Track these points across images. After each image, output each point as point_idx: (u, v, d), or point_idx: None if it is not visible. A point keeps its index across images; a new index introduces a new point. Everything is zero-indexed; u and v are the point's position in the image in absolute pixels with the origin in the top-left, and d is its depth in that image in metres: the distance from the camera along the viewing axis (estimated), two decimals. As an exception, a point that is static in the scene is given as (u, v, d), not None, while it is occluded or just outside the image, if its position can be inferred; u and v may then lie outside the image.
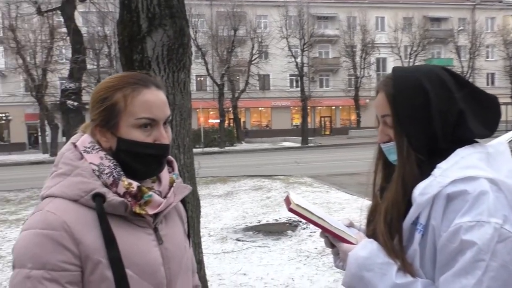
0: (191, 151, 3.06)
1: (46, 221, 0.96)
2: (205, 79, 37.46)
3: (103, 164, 1.04)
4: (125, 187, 1.03)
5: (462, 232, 0.94)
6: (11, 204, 10.15)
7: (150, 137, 1.05)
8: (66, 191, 1.01)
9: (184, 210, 1.29)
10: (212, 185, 11.58)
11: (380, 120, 1.16)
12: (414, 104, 1.07)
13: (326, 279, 4.42)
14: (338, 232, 1.12)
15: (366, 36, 37.69)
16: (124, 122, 1.05)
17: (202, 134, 28.03)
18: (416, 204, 1.02)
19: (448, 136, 1.06)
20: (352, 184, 10.89)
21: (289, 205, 1.12)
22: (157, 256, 1.08)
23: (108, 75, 26.10)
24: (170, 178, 1.16)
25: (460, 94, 1.08)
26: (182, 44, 2.82)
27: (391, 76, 1.14)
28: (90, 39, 23.88)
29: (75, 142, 1.09)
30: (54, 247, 0.95)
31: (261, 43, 33.01)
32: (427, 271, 1.02)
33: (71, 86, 16.12)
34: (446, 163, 1.03)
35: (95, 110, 1.08)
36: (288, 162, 18.30)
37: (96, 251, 0.98)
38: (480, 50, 38.20)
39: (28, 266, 0.94)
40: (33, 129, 37.33)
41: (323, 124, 43.46)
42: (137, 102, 1.04)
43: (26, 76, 26.18)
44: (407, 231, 1.05)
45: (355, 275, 1.06)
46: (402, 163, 1.08)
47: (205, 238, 6.12)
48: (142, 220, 1.07)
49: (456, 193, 0.98)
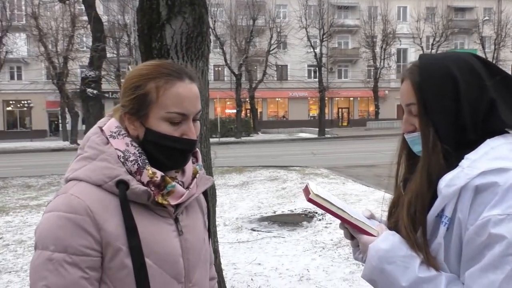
0: (208, 141, 3.06)
1: (70, 204, 0.96)
2: (222, 69, 37.44)
3: (129, 151, 1.04)
4: (149, 176, 1.02)
5: (491, 225, 0.90)
6: (32, 190, 10.40)
7: (178, 130, 1.04)
8: (91, 176, 1.01)
9: (205, 202, 1.27)
10: (228, 175, 11.63)
11: (404, 109, 1.11)
12: (441, 92, 1.02)
13: (342, 271, 4.40)
14: (358, 224, 1.09)
15: (387, 26, 36.96)
16: (154, 114, 1.03)
17: (219, 124, 28.11)
18: (442, 196, 0.98)
19: (478, 126, 1.01)
20: (369, 176, 10.79)
21: (308, 195, 1.08)
22: (177, 246, 1.08)
23: (128, 64, 26.39)
24: (193, 169, 1.15)
25: (491, 82, 1.02)
26: (201, 32, 2.80)
27: (417, 64, 1.09)
28: (110, 28, 24.07)
29: (102, 126, 1.09)
30: (76, 231, 0.95)
31: (280, 33, 32.73)
32: (452, 266, 0.99)
33: (91, 74, 16.32)
34: (475, 154, 0.98)
35: (126, 96, 1.06)
36: (305, 153, 18.23)
37: (117, 238, 0.98)
38: (506, 40, 37.10)
39: (50, 249, 0.94)
40: (54, 117, 38.07)
41: (341, 115, 43.05)
42: (170, 95, 1.02)
43: (48, 63, 26.64)
44: (431, 224, 1.01)
45: (375, 268, 1.02)
46: (427, 154, 1.03)
47: (220, 228, 6.16)
48: (164, 210, 1.07)
49: (485, 185, 0.93)
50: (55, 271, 0.93)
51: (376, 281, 1.04)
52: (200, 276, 1.15)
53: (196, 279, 1.13)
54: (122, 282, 0.99)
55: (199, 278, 1.14)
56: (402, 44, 39.10)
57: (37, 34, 24.95)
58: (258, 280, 4.23)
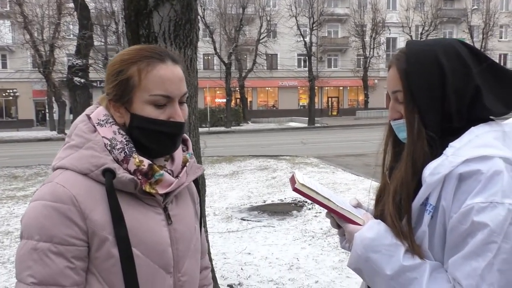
0: (197, 130, 3.03)
1: (55, 193, 0.95)
2: (212, 58, 37.18)
3: (116, 139, 1.02)
4: (136, 164, 1.01)
5: (474, 213, 0.90)
6: (19, 180, 10.26)
7: (164, 114, 1.02)
8: (77, 164, 0.99)
9: (196, 191, 1.26)
10: (218, 164, 11.61)
11: (391, 96, 1.10)
12: (428, 79, 1.01)
13: (331, 259, 4.43)
14: (344, 213, 1.09)
15: (377, 15, 36.94)
16: (138, 98, 1.01)
17: (209, 113, 27.98)
18: (426, 185, 0.98)
19: (463, 114, 1.01)
20: (359, 165, 10.86)
21: (294, 185, 1.07)
22: (166, 236, 1.06)
23: (116, 53, 26.03)
24: (183, 158, 1.14)
25: (477, 70, 1.01)
26: (189, 20, 2.75)
27: (404, 50, 1.07)
28: (97, 15, 23.65)
29: (90, 114, 1.07)
30: (61, 220, 0.93)
31: (270, 21, 32.53)
32: (436, 253, 0.99)
33: (78, 62, 16.07)
34: (459, 142, 0.98)
35: (109, 83, 1.04)
36: (295, 142, 18.27)
37: (103, 228, 0.97)
38: (494, 30, 37.39)
39: (35, 238, 0.93)
40: (40, 106, 37.52)
41: (331, 104, 43.16)
42: (152, 77, 1.00)
43: (34, 51, 26.11)
44: (416, 212, 1.01)
45: (361, 257, 1.02)
46: (412, 141, 1.03)
47: (210, 217, 6.15)
48: (152, 199, 1.05)
49: (468, 172, 0.93)
50: (40, 261, 0.92)
51: (362, 270, 1.04)
52: (190, 266, 1.13)
53: (186, 269, 1.12)
54: (108, 272, 0.98)
55: (189, 268, 1.13)
56: (392, 33, 39.18)
57: (22, 21, 24.39)
58: (248, 270, 4.24)
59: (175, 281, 1.09)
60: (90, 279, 0.99)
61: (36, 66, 27.93)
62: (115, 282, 0.98)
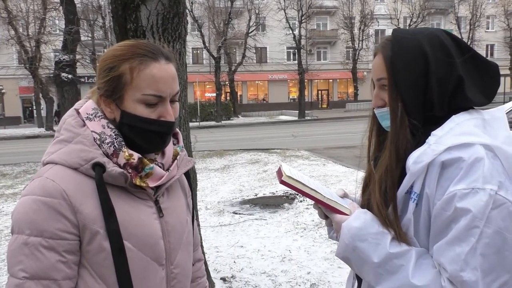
0: (187, 124, 3.02)
1: (45, 188, 0.95)
2: (201, 52, 36.95)
3: (105, 133, 1.02)
4: (126, 158, 1.01)
5: (457, 199, 0.92)
6: (7, 178, 10.14)
7: (154, 113, 1.02)
8: (66, 159, 0.99)
9: (188, 184, 1.26)
10: (209, 159, 11.59)
11: (375, 84, 1.11)
12: (412, 67, 1.03)
13: (323, 250, 4.47)
14: (331, 203, 1.10)
15: (365, 7, 37.01)
16: (129, 96, 1.01)
17: (199, 108, 27.86)
18: (410, 173, 0.99)
19: (445, 103, 1.03)
20: (349, 157, 10.93)
21: (281, 177, 1.08)
22: (157, 229, 1.07)
23: (103, 48, 25.77)
24: (174, 151, 1.14)
25: (461, 60, 1.03)
26: (177, 13, 2.73)
27: (390, 38, 1.09)
28: (84, 10, 23.31)
29: (79, 108, 1.07)
30: (52, 214, 0.94)
31: (258, 14, 32.37)
32: (422, 240, 1.01)
33: (65, 58, 15.83)
34: (441, 130, 1.00)
35: (101, 78, 1.03)
36: (285, 135, 18.30)
37: (94, 221, 0.97)
38: (481, 21, 37.72)
39: (26, 233, 0.93)
40: (27, 103, 37.00)
41: (320, 97, 43.23)
42: (144, 76, 0.99)
43: (19, 47, 25.71)
44: (401, 200, 1.03)
45: (348, 246, 1.04)
46: (395, 129, 1.04)
47: (202, 212, 6.15)
48: (143, 192, 1.06)
49: (450, 160, 0.95)
50: (31, 255, 0.92)
51: (350, 259, 1.06)
52: (182, 258, 1.14)
53: (178, 261, 1.12)
54: (100, 265, 0.98)
55: (181, 260, 1.14)
56: (380, 25, 39.29)
57: (6, 16, 23.97)
58: (241, 262, 4.26)
59: (167, 273, 1.09)
60: (82, 272, 0.99)
61: (22, 62, 27.49)
62: (107, 275, 0.99)
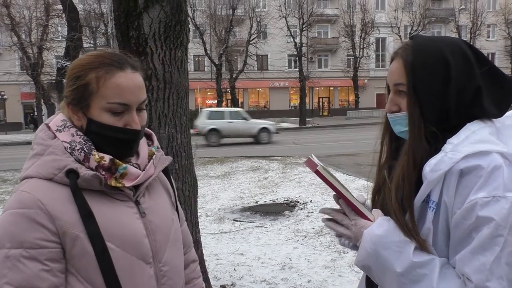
0: (188, 131, 3.03)
1: (20, 200, 0.97)
2: (203, 59, 37.09)
3: (74, 140, 1.04)
4: (96, 160, 1.02)
5: (478, 208, 0.91)
6: (8, 184, 10.13)
7: (120, 121, 1.04)
8: (40, 171, 1.01)
9: (169, 181, 1.27)
10: (210, 165, 11.59)
11: (392, 89, 1.10)
12: (432, 74, 1.02)
13: (323, 259, 4.45)
14: (358, 205, 1.08)
15: (366, 15, 37.18)
16: (95, 104, 1.03)
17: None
18: (427, 182, 0.98)
19: (461, 112, 1.03)
20: (350, 164, 10.92)
21: (316, 167, 1.07)
22: (140, 228, 1.08)
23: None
24: (149, 151, 1.15)
25: (480, 71, 1.04)
26: (180, 21, 2.75)
27: (410, 43, 1.08)
28: (86, 17, 23.48)
29: (49, 123, 1.09)
30: (29, 225, 0.95)
31: (260, 22, 32.54)
32: (440, 249, 1.00)
33: (67, 64, 15.91)
34: (457, 138, 0.99)
35: (68, 87, 1.06)
36: (286, 143, 18.29)
37: (73, 226, 0.98)
38: (481, 29, 37.84)
39: (6, 246, 0.94)
40: (29, 109, 37.06)
41: (321, 105, 43.28)
42: (110, 85, 1.02)
43: (22, 54, 25.84)
44: (418, 209, 1.02)
45: (370, 254, 1.02)
46: (413, 136, 1.04)
47: (203, 219, 6.14)
48: (121, 193, 1.07)
49: (469, 168, 0.94)
50: (14, 268, 0.93)
51: (371, 267, 1.04)
52: (170, 255, 1.15)
53: (166, 258, 1.13)
54: (86, 269, 0.99)
55: (170, 258, 1.14)
56: (381, 33, 39.46)
57: (9, 23, 24.11)
58: (241, 270, 4.24)
59: (156, 271, 1.10)
60: (70, 279, 1.00)
61: (24, 68, 27.62)
62: (94, 278, 0.99)
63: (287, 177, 9.40)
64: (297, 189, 8.01)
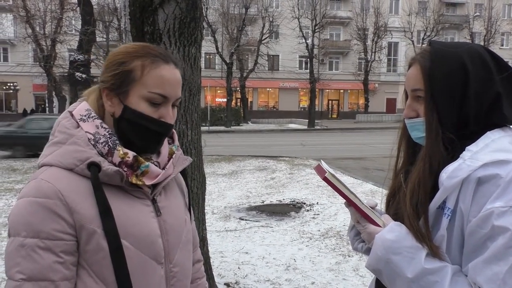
0: (199, 128, 3.03)
1: (40, 189, 0.95)
2: (214, 57, 37.16)
3: (99, 133, 1.02)
4: (120, 156, 1.01)
5: (494, 217, 0.90)
6: (17, 173, 10.25)
7: (156, 113, 1.03)
8: (61, 160, 0.99)
9: (184, 182, 1.26)
10: (217, 163, 11.61)
11: (409, 94, 1.10)
12: (451, 80, 1.02)
13: (328, 261, 4.44)
14: (367, 211, 1.08)
15: (379, 19, 36.97)
16: (135, 92, 1.02)
17: (209, 112, 27.98)
18: (444, 188, 0.97)
19: (481, 119, 1.02)
20: (357, 168, 10.87)
21: (324, 174, 1.07)
22: (155, 227, 1.07)
23: (117, 49, 26.18)
24: (169, 150, 1.14)
25: (500, 77, 1.02)
26: (194, 18, 2.76)
27: (428, 49, 1.07)
28: (100, 11, 23.63)
29: (72, 110, 1.07)
30: (48, 215, 0.93)
31: (272, 22, 32.54)
32: (453, 257, 0.99)
33: (80, 58, 16.07)
34: (476, 146, 0.98)
35: (108, 72, 1.04)
36: (294, 144, 18.28)
37: (91, 221, 0.96)
38: (495, 37, 37.43)
39: (22, 235, 0.93)
40: (40, 100, 37.41)
41: (331, 107, 43.16)
42: (154, 75, 1.02)
43: (35, 46, 26.07)
44: (432, 214, 1.01)
45: (381, 258, 1.01)
46: (430, 141, 1.03)
47: (209, 216, 6.15)
48: (140, 191, 1.06)
49: (487, 177, 0.93)
50: (28, 257, 0.92)
51: (382, 272, 1.03)
52: (181, 257, 1.14)
53: (177, 260, 1.12)
54: (99, 264, 0.98)
55: (180, 259, 1.14)
56: (393, 38, 39.21)
57: (24, 15, 24.36)
58: (245, 269, 4.25)
59: (166, 272, 1.10)
60: (81, 273, 0.99)
61: (37, 60, 27.88)
62: (106, 275, 0.99)
63: (294, 178, 9.39)
64: (304, 191, 8.00)
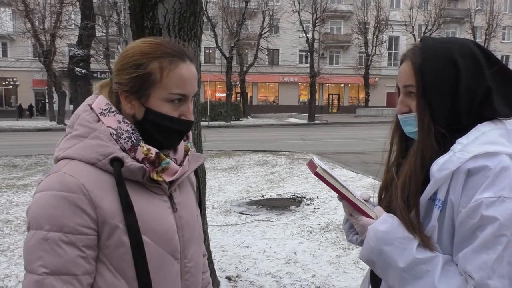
0: (199, 123, 3.04)
1: (64, 183, 0.94)
2: (213, 52, 37.07)
3: (121, 128, 1.02)
4: (144, 153, 1.01)
5: (483, 207, 0.93)
6: (18, 169, 10.26)
7: (177, 111, 1.04)
8: (83, 154, 0.99)
9: (195, 179, 1.28)
10: (217, 158, 11.62)
11: (402, 90, 1.12)
12: (442, 76, 1.04)
13: (328, 254, 4.46)
14: (359, 204, 1.10)
15: (380, 13, 36.83)
16: (156, 94, 1.02)
17: (209, 107, 27.95)
18: (434, 180, 1.00)
19: (472, 113, 1.04)
20: (358, 162, 10.89)
21: (315, 169, 1.08)
22: (173, 223, 1.08)
23: (117, 44, 26.04)
24: (185, 147, 1.16)
25: (490, 71, 1.04)
26: (194, 12, 2.76)
27: (419, 45, 1.09)
28: (99, 6, 23.56)
29: (91, 104, 1.06)
30: (72, 209, 0.93)
31: (272, 16, 32.38)
32: (444, 247, 1.01)
33: (79, 53, 16.04)
34: (467, 139, 1.01)
35: (125, 74, 1.02)
36: (294, 138, 18.27)
37: (113, 216, 0.97)
38: (497, 31, 37.31)
39: (45, 228, 0.92)
40: (40, 96, 37.42)
41: (331, 101, 43.11)
42: (173, 76, 1.01)
43: (35, 41, 26.01)
44: (423, 206, 1.04)
45: (374, 249, 1.04)
46: (422, 136, 1.05)
47: (209, 211, 6.18)
48: (158, 187, 1.07)
49: (476, 168, 0.96)
50: (51, 251, 0.92)
51: (375, 262, 1.06)
52: (195, 252, 1.16)
53: (191, 255, 1.14)
54: (120, 259, 0.98)
55: (194, 254, 1.15)
56: (394, 32, 39.07)
57: (23, 10, 24.26)
58: (246, 262, 4.27)
59: (181, 267, 1.11)
60: (100, 268, 0.99)
61: (37, 55, 27.83)
62: (126, 270, 0.99)
63: (294, 172, 9.40)
64: (304, 185, 8.02)
